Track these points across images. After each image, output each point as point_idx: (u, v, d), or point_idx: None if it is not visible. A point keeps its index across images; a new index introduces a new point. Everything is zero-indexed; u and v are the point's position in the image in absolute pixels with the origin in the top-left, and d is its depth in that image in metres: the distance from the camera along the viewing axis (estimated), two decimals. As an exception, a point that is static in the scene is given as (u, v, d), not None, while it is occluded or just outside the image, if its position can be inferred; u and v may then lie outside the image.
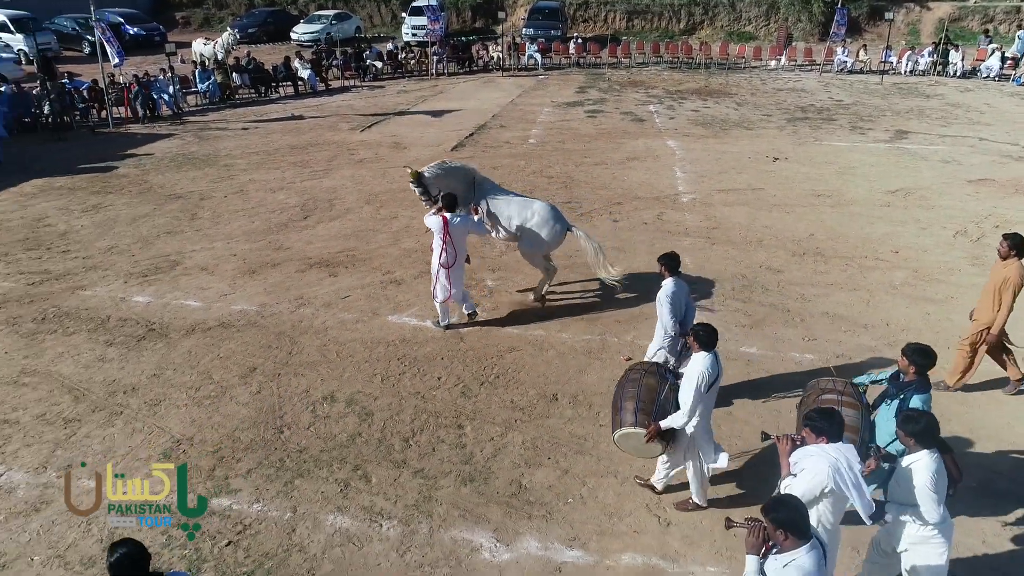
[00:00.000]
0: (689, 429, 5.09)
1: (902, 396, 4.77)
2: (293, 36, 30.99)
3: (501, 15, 26.35)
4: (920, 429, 3.98)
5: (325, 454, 6.19)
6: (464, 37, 30.09)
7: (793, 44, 28.01)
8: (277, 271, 9.76)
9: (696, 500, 5.48)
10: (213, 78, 19.54)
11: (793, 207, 12.04)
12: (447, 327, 8.18)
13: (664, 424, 5.04)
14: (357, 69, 23.04)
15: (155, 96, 18.20)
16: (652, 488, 5.71)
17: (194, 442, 6.33)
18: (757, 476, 5.83)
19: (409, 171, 8.25)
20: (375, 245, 10.58)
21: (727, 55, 26.76)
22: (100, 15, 21.43)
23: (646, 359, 6.28)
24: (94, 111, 17.38)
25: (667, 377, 5.38)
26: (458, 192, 8.04)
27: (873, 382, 5.23)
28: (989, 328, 6.58)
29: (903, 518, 4.13)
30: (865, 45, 27.14)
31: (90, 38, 28.06)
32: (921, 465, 3.96)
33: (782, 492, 3.90)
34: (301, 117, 18.38)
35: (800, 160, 14.79)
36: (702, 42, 28.57)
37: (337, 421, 6.62)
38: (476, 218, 8.01)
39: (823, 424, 3.93)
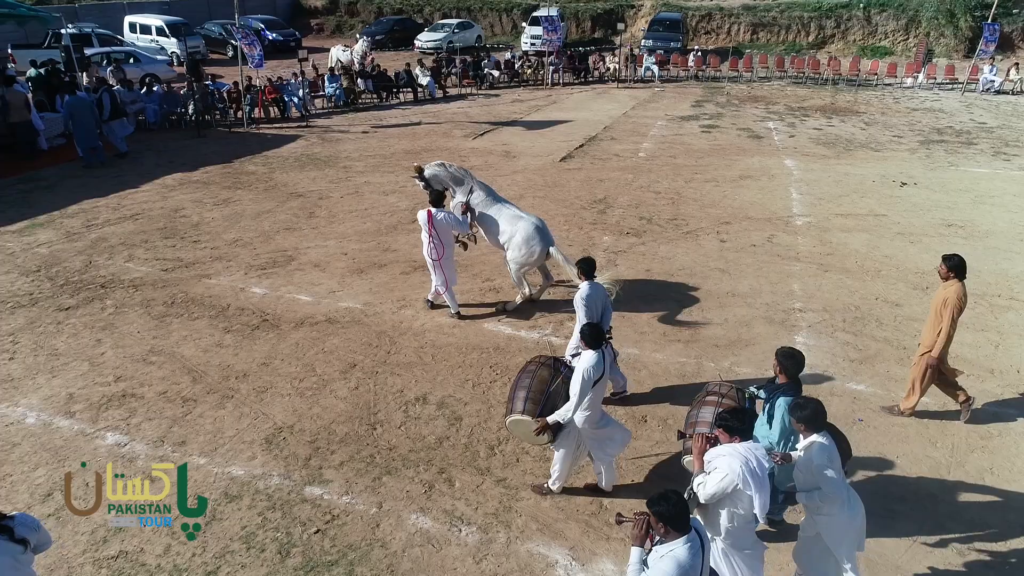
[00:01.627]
0: (579, 421, 5.34)
1: (771, 399, 4.99)
2: (417, 43, 32.14)
3: (620, 26, 26.24)
4: (808, 414, 4.32)
5: (413, 454, 6.37)
6: (582, 47, 30.11)
7: (933, 61, 26.20)
8: (383, 272, 10.15)
9: (551, 486, 5.81)
10: (340, 83, 20.57)
11: (919, 237, 11.26)
12: (457, 314, 8.76)
13: (551, 419, 5.32)
14: (474, 77, 23.58)
15: (286, 99, 19.37)
16: (541, 490, 5.88)
17: (294, 430, 6.69)
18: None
19: (413, 167, 9.11)
20: (477, 252, 10.73)
21: (858, 71, 25.38)
22: (244, 22, 23.03)
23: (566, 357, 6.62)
24: (232, 111, 18.69)
25: (560, 370, 5.69)
26: (454, 191, 8.79)
27: (758, 388, 5.33)
28: (931, 351, 6.47)
29: (813, 501, 4.37)
30: (1017, 63, 24.98)
31: (234, 42, 30.38)
32: (814, 448, 4.30)
33: (695, 488, 4.11)
34: (418, 123, 19.00)
35: (931, 186, 13.81)
36: (831, 57, 27.23)
37: (427, 423, 6.79)
38: (465, 218, 8.56)
39: (735, 424, 4.13)
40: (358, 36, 34.32)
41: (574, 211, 12.40)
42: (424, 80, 22.02)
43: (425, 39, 32.17)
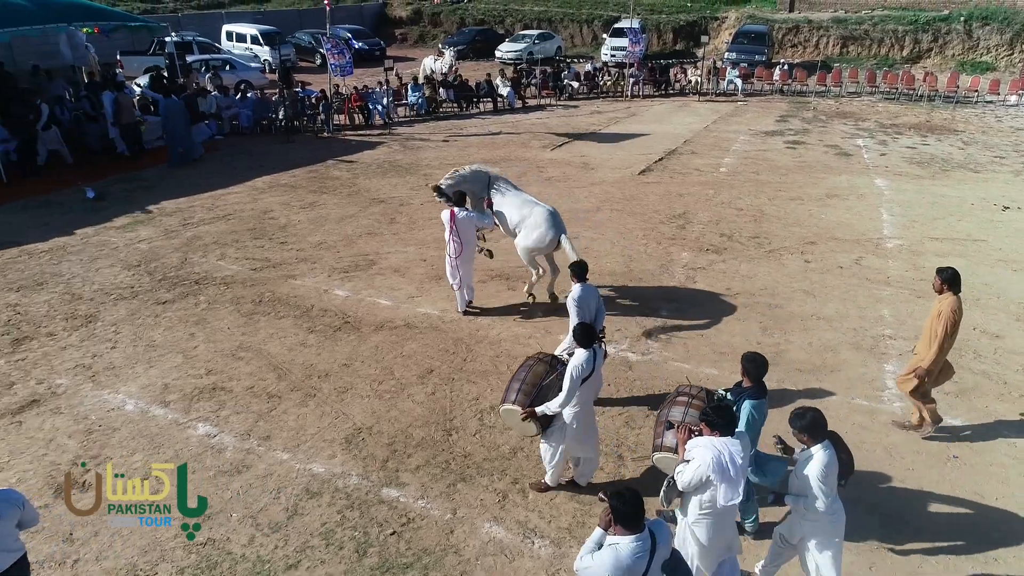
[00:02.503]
0: (567, 418, 5.58)
1: (737, 402, 5.03)
2: (498, 54, 32.53)
3: (704, 39, 25.82)
4: (806, 424, 4.38)
5: (488, 463, 6.41)
6: (663, 59, 29.81)
7: (1041, 78, 24.69)
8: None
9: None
10: (423, 92, 21.02)
11: (1023, 264, 10.62)
12: (465, 312, 9.08)
13: (539, 409, 5.55)
14: (554, 88, 23.68)
15: (370, 106, 19.93)
16: (540, 487, 6.05)
17: (372, 432, 6.84)
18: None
19: (430, 187, 9.22)
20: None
21: (956, 87, 24.18)
22: (333, 31, 23.82)
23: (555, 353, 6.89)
24: (319, 117, 19.35)
25: (556, 368, 5.82)
26: (475, 192, 8.92)
27: (726, 391, 5.37)
28: (923, 364, 6.40)
29: (798, 505, 4.50)
30: None
31: (322, 51, 31.51)
32: (816, 461, 4.37)
33: (675, 476, 4.37)
34: (497, 133, 19.21)
35: (1037, 211, 13.01)
36: (927, 72, 26.03)
37: (502, 432, 6.83)
38: (488, 211, 8.81)
39: (716, 419, 4.32)
40: (440, 47, 35.10)
41: (652, 225, 12.26)
42: (504, 90, 22.25)
43: (506, 50, 32.52)
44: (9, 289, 9.82)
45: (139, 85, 19.26)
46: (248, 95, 19.41)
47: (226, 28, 30.74)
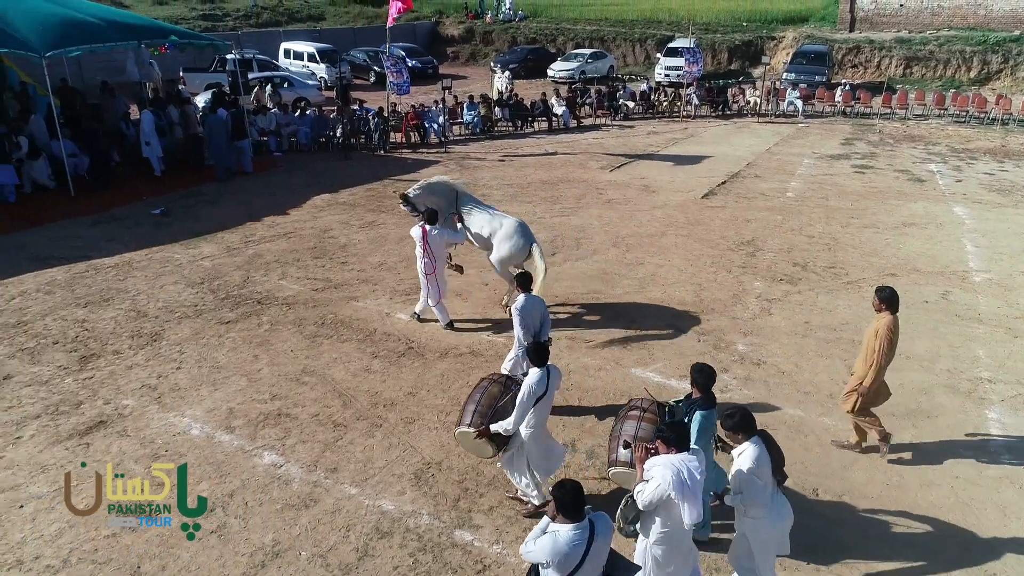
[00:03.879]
0: (524, 438, 5.57)
1: (688, 412, 5.18)
2: (550, 72, 32.44)
3: (764, 59, 25.27)
4: (737, 422, 4.56)
5: (564, 507, 6.07)
6: (720, 80, 29.31)
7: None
8: (524, 305, 9.98)
9: (531, 500, 5.92)
10: (478, 111, 20.94)
11: None
12: (449, 325, 9.16)
13: (493, 428, 5.52)
14: (609, 108, 23.40)
15: (426, 125, 19.92)
16: (522, 501, 6.00)
17: (442, 467, 6.57)
18: None
19: (398, 194, 9.37)
20: (620, 290, 10.45)
21: (1032, 110, 23.16)
22: (389, 50, 24.02)
23: (502, 369, 7.27)
24: (376, 135, 19.39)
25: (511, 388, 5.76)
26: (442, 206, 9.01)
27: (676, 403, 5.48)
28: (863, 382, 6.43)
29: (736, 503, 4.63)
30: None
31: (376, 68, 31.81)
32: (745, 454, 4.55)
33: (634, 496, 4.37)
34: (554, 153, 18.98)
35: None
36: (999, 95, 25.03)
37: (577, 473, 6.48)
38: (459, 226, 8.93)
39: (671, 436, 4.36)
40: (492, 65, 35.24)
41: (720, 252, 11.83)
42: (559, 110, 22.05)
43: (558, 68, 32.42)
44: (77, 304, 9.88)
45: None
46: (307, 112, 19.57)
47: (284, 46, 31.30)
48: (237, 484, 6.35)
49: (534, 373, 5.45)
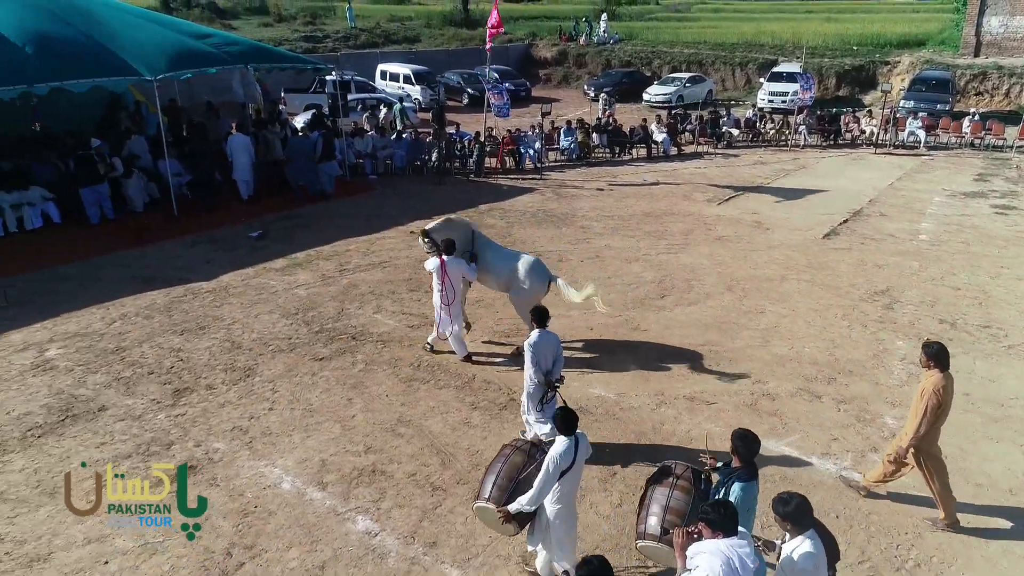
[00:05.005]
0: (550, 514, 5.04)
1: (726, 483, 4.63)
2: (645, 97, 31.53)
3: (885, 86, 23.57)
4: (791, 511, 4.04)
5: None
6: (829, 107, 27.64)
7: None
8: (633, 355, 9.16)
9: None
10: (575, 136, 20.29)
11: None
12: (467, 358, 8.93)
13: (512, 508, 4.98)
14: (712, 135, 22.30)
15: (521, 150, 19.40)
16: None
17: (553, 552, 5.80)
18: None
19: (418, 230, 9.01)
20: (740, 343, 9.46)
21: None
22: (481, 72, 23.69)
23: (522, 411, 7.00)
24: (471, 160, 19.02)
25: (536, 457, 5.21)
26: (459, 248, 8.66)
27: (714, 470, 4.94)
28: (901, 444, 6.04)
29: None
30: None
31: (470, 90, 31.77)
32: (800, 551, 4.03)
33: None
34: (655, 183, 18.06)
35: None
36: None
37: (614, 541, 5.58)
38: (473, 265, 8.67)
39: (717, 518, 3.89)
40: (585, 88, 34.64)
41: (852, 303, 10.64)
42: (660, 137, 21.13)
43: (654, 92, 31.47)
44: (174, 332, 9.70)
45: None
46: (404, 135, 19.41)
47: (380, 67, 31.66)
48: (329, 554, 5.78)
49: (560, 443, 4.92)
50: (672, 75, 33.81)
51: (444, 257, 8.41)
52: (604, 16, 42.48)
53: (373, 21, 43.58)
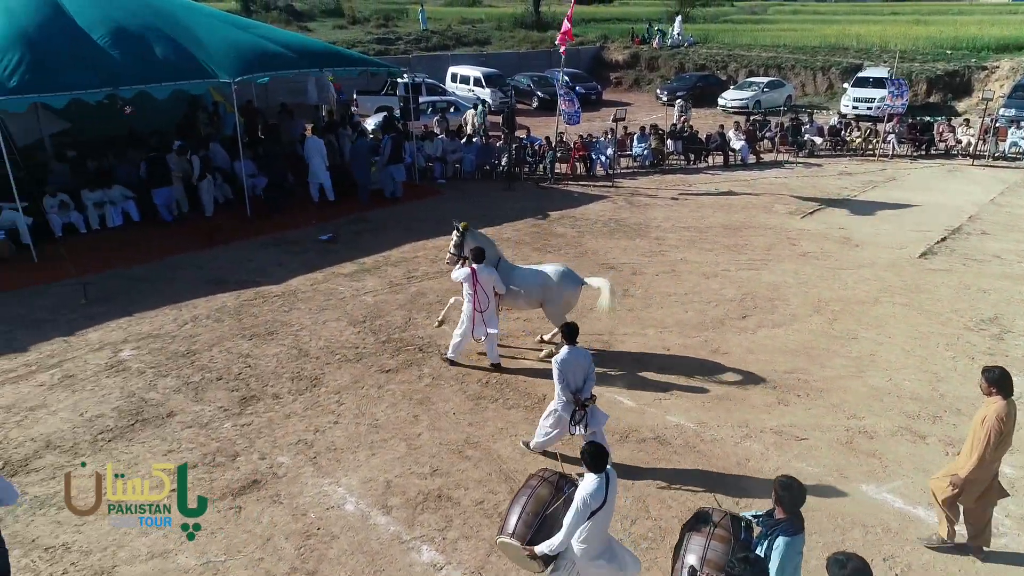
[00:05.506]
0: (576, 553, 4.72)
1: (769, 536, 4.20)
2: (720, 102, 30.55)
3: (987, 92, 22.05)
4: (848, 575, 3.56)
5: None
6: (921, 114, 26.10)
7: None
8: (715, 381, 8.60)
9: None
10: (649, 142, 19.67)
11: None
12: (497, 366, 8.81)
13: (538, 549, 4.73)
14: (793, 143, 21.29)
15: (593, 156, 18.91)
16: None
17: (631, 600, 5.35)
18: None
19: (462, 224, 8.81)
20: (832, 372, 8.77)
21: None
22: (556, 77, 23.34)
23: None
24: (542, 165, 18.65)
25: (564, 490, 4.96)
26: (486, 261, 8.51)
27: (755, 517, 4.53)
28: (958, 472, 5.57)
29: None
30: None
31: (540, 94, 31.40)
32: None
33: None
34: (733, 193, 17.29)
35: None
36: None
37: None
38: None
39: (743, 574, 3.57)
40: (658, 92, 33.81)
41: (955, 332, 9.78)
42: (737, 144, 20.27)
43: (730, 98, 30.43)
44: (243, 336, 9.66)
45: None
46: (474, 140, 19.19)
47: (451, 70, 31.64)
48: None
49: (590, 481, 4.64)
50: (749, 79, 32.65)
51: (475, 266, 8.31)
52: (679, 18, 41.53)
53: (444, 23, 43.80)
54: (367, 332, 9.84)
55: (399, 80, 23.08)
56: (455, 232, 8.92)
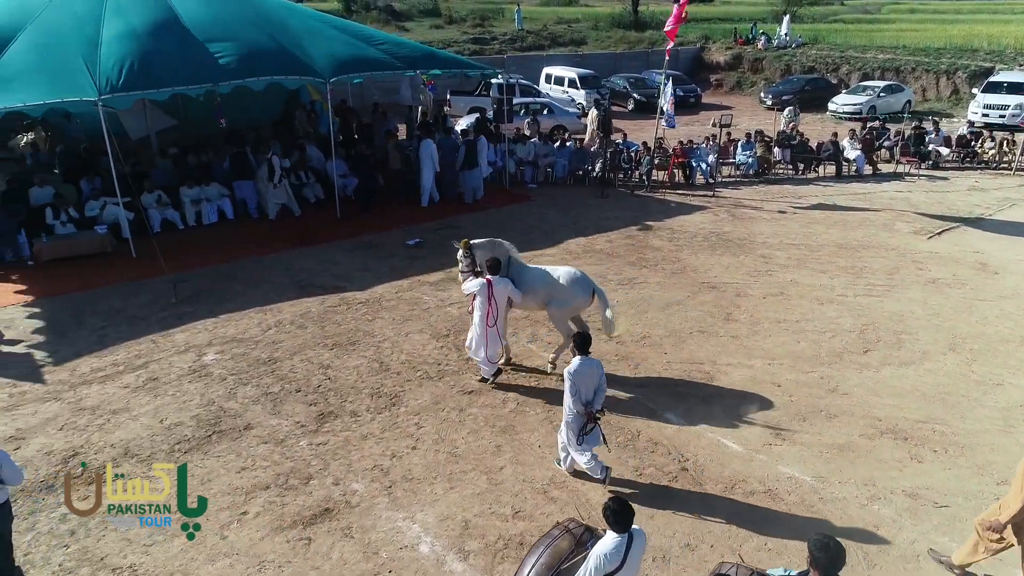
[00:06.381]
0: None
1: None
2: (831, 107, 28.67)
3: None
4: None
5: None
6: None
7: None
8: (834, 426, 7.62)
9: None
10: (754, 150, 18.44)
11: None
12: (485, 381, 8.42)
13: None
14: (915, 154, 19.49)
15: (693, 163, 17.88)
16: None
17: None
18: None
19: (461, 244, 8.54)
20: (975, 425, 7.62)
21: None
22: (653, 79, 22.32)
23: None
24: (638, 172, 17.78)
25: (586, 544, 4.48)
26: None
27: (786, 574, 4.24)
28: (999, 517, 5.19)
29: None
30: None
31: (636, 96, 30.35)
32: None
33: None
34: (846, 208, 15.89)
35: None
36: None
37: None
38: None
39: None
40: (762, 96, 32.11)
41: None
42: (853, 154, 18.71)
43: (842, 102, 28.46)
44: (325, 345, 9.38)
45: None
46: (567, 144, 18.53)
47: (545, 70, 31.05)
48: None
49: (609, 540, 4.26)
50: (863, 83, 30.51)
51: (490, 277, 8.00)
52: (786, 18, 39.44)
53: (540, 23, 43.30)
54: (450, 348, 9.37)
55: (493, 81, 22.72)
56: (459, 254, 8.59)
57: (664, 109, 16.84)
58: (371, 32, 17.11)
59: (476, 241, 8.62)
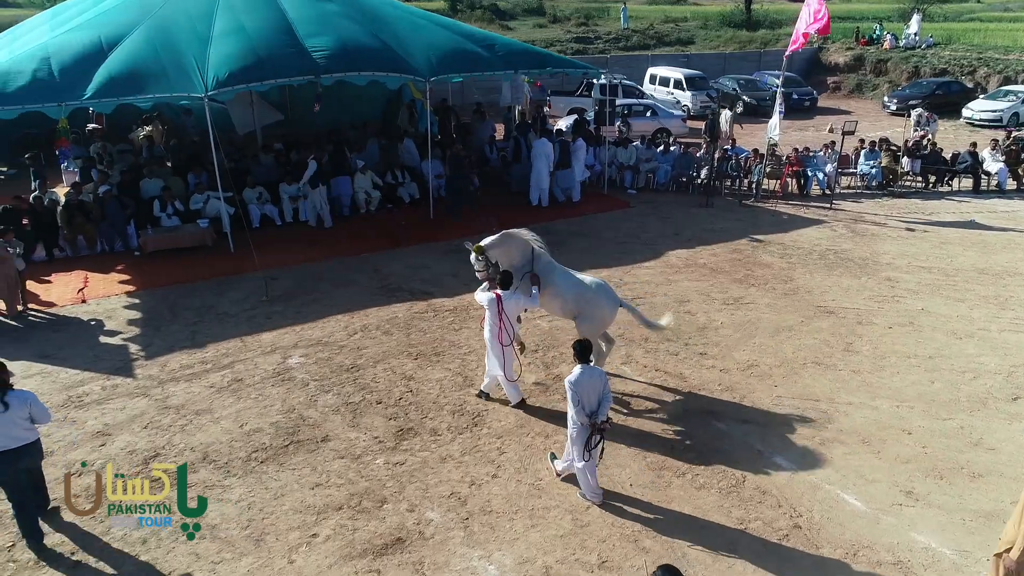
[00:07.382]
0: None
1: None
2: (965, 113, 26.19)
3: None
4: None
5: None
6: None
7: None
8: (978, 488, 6.56)
9: None
10: (879, 160, 16.89)
11: None
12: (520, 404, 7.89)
13: None
14: (1069, 168, 17.31)
15: (809, 173, 16.56)
16: None
17: None
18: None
19: (473, 248, 7.91)
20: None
21: None
22: (765, 81, 20.97)
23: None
24: (748, 180, 16.65)
25: None
26: (515, 263, 7.98)
27: None
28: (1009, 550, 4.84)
29: None
30: None
31: (746, 99, 28.82)
32: None
33: None
34: (989, 227, 14.23)
35: None
36: None
37: None
38: (534, 290, 7.75)
39: None
40: (885, 100, 29.80)
41: None
42: (995, 166, 16.82)
43: (979, 108, 25.92)
44: (409, 354, 9.05)
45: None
46: (672, 148, 17.59)
47: (650, 71, 29.96)
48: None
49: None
50: (1005, 88, 27.71)
51: (500, 292, 7.48)
52: (916, 16, 36.48)
53: (647, 22, 42.05)
54: (539, 365, 8.83)
55: (595, 81, 22.00)
56: (472, 258, 8.00)
57: (781, 111, 15.65)
58: (474, 30, 16.81)
59: (487, 241, 7.97)
